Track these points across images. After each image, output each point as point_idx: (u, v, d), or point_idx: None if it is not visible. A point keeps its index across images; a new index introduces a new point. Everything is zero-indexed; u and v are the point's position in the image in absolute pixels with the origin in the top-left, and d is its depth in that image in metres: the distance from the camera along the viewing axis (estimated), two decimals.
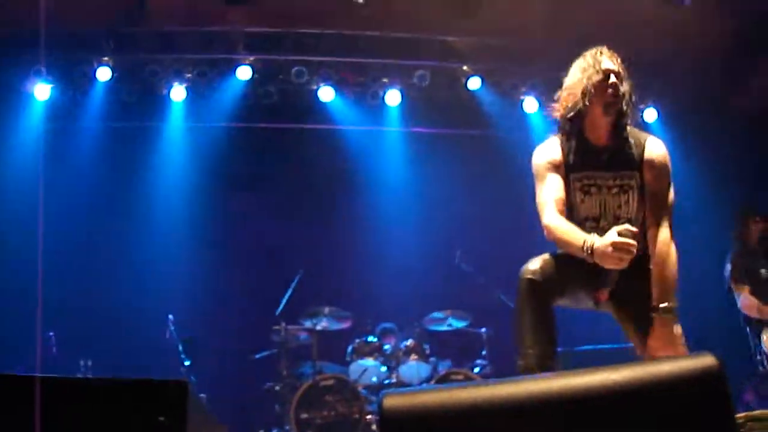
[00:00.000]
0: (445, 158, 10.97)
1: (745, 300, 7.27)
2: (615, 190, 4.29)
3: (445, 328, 9.58)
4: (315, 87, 10.66)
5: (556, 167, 4.35)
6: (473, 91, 10.91)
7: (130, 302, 9.48)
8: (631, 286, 4.22)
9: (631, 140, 4.35)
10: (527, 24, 10.67)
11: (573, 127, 4.39)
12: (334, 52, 10.41)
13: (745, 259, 7.51)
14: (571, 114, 4.31)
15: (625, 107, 4.29)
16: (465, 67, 10.85)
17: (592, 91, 4.29)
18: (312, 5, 10.01)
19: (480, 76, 10.84)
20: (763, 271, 7.35)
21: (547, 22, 10.60)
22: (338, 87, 10.76)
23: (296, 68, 10.46)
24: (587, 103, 4.28)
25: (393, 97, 10.89)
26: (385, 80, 10.81)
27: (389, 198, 10.85)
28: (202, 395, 8.17)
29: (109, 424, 2.89)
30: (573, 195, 4.35)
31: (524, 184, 11.13)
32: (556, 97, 4.53)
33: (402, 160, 11.29)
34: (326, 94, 10.70)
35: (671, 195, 4.31)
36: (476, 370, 9.17)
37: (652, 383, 2.50)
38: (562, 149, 4.37)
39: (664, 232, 4.22)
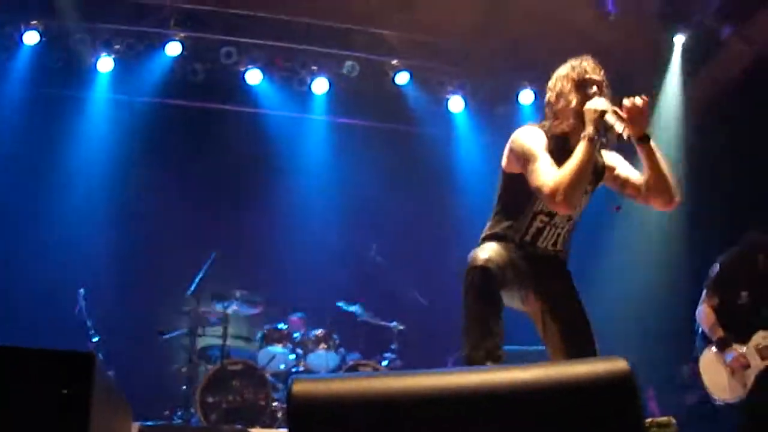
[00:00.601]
0: (368, 151, 10.98)
1: (705, 313, 6.86)
2: None
3: (355, 319, 9.60)
4: (243, 69, 10.56)
5: (547, 150, 4.21)
6: (401, 86, 10.94)
7: (41, 273, 9.29)
8: (553, 286, 4.31)
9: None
10: (460, 24, 10.74)
11: (558, 137, 4.32)
12: (265, 35, 10.32)
13: (736, 274, 6.93)
14: (589, 139, 4.10)
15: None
16: (394, 62, 10.88)
17: (578, 109, 4.24)
18: None
19: (408, 72, 10.86)
20: (744, 294, 6.78)
21: (479, 24, 10.69)
22: (266, 71, 10.67)
23: (225, 48, 10.36)
24: (599, 129, 4.15)
25: (320, 86, 10.84)
26: (314, 68, 10.76)
27: (309, 186, 10.83)
28: (109, 372, 8.05)
29: (8, 393, 2.80)
30: None
31: (445, 182, 11.32)
32: (546, 102, 4.45)
33: (325, 150, 11.28)
34: (254, 76, 10.61)
35: None
36: (384, 363, 9.21)
37: (562, 384, 2.52)
38: (548, 143, 4.26)
39: None
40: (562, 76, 4.40)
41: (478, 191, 10.46)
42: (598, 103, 4.14)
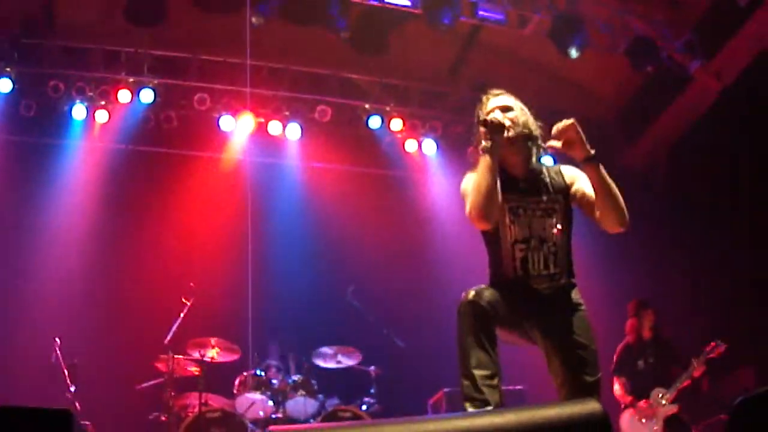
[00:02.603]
0: (342, 195, 11.02)
1: (617, 389, 8.55)
2: (539, 213, 4.40)
3: (333, 364, 9.53)
4: (217, 115, 10.61)
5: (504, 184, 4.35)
6: (373, 130, 11.01)
7: (18, 323, 9.24)
8: (557, 318, 4.31)
9: (545, 169, 4.54)
10: (431, 67, 10.88)
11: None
12: (238, 81, 10.37)
13: (629, 352, 8.65)
14: (483, 151, 4.31)
15: (525, 136, 4.44)
16: (367, 105, 10.95)
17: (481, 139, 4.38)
18: (215, 32, 10.01)
19: (380, 116, 10.94)
20: (640, 362, 8.54)
21: (450, 67, 10.83)
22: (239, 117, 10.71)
23: (199, 95, 10.43)
24: (489, 139, 4.32)
25: (293, 131, 10.89)
26: (286, 113, 10.82)
27: (284, 232, 10.81)
28: (86, 423, 7.97)
29: None
30: (503, 217, 4.39)
31: (419, 225, 11.36)
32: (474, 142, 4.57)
33: (299, 194, 11.29)
34: (227, 122, 10.65)
35: None
36: (364, 407, 9.14)
37: (535, 428, 2.54)
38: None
39: None
40: (476, 117, 4.57)
41: (453, 233, 10.52)
42: (489, 117, 4.36)
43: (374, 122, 10.96)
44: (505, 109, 4.47)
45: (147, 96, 10.23)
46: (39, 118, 10.22)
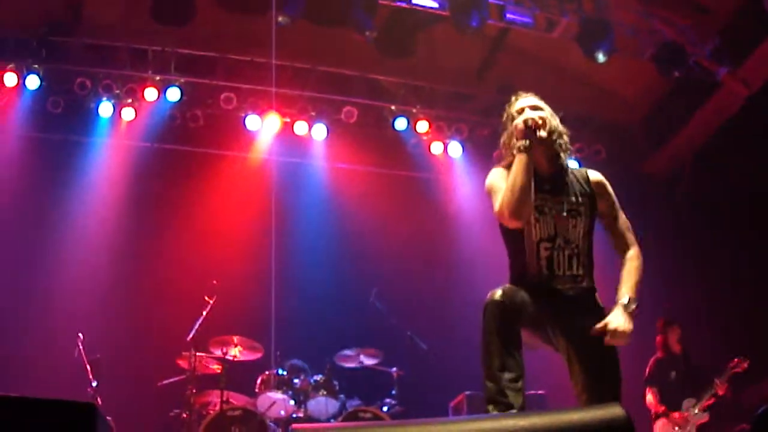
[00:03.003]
0: (367, 196, 11.02)
1: (649, 399, 8.72)
2: (564, 214, 4.40)
3: (355, 365, 9.54)
4: (243, 114, 10.65)
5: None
6: (399, 131, 11.01)
7: (42, 319, 9.30)
8: (580, 321, 4.25)
9: (571, 170, 4.56)
10: (457, 69, 10.86)
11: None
12: (265, 81, 10.40)
13: (661, 365, 8.83)
14: (519, 150, 4.32)
15: (555, 137, 4.45)
16: (393, 107, 10.96)
17: (517, 126, 4.42)
18: (242, 32, 10.04)
19: (406, 117, 10.94)
20: (672, 374, 8.72)
21: (476, 69, 10.80)
22: (265, 116, 10.75)
23: (225, 94, 10.47)
24: (526, 137, 4.35)
25: (319, 131, 10.91)
26: (312, 114, 10.84)
27: (308, 232, 10.84)
28: (107, 418, 8.00)
29: None
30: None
31: (443, 228, 11.34)
32: (501, 143, 4.60)
33: (324, 195, 11.30)
34: (253, 122, 10.69)
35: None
36: (385, 408, 9.15)
37: (560, 430, 2.53)
38: (507, 176, 4.38)
39: (636, 248, 4.47)
40: (504, 116, 4.61)
41: (477, 235, 10.50)
42: (519, 119, 4.41)
43: (400, 124, 10.96)
44: (535, 108, 4.49)
45: (173, 94, 10.29)
46: (66, 116, 10.30)
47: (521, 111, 4.48)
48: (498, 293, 4.06)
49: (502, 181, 4.35)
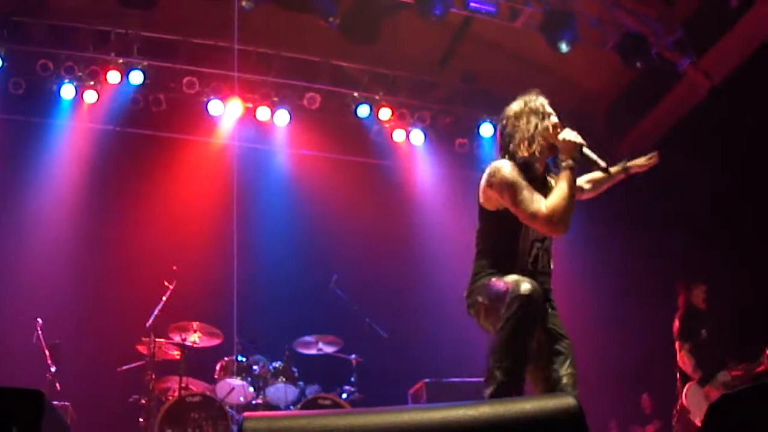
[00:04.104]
0: (329, 182, 11.02)
1: (683, 358, 8.37)
2: None
3: (314, 352, 9.54)
4: (205, 99, 10.59)
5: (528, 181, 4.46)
6: (362, 118, 11.01)
7: None
8: (552, 320, 4.48)
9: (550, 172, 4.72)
10: (421, 57, 10.85)
11: (527, 162, 4.53)
12: (227, 66, 10.34)
13: (690, 321, 8.53)
14: (567, 169, 4.45)
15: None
16: (356, 94, 10.95)
17: (545, 134, 4.55)
18: (206, 15, 9.97)
19: (369, 105, 10.94)
20: (704, 331, 8.42)
21: (440, 58, 10.80)
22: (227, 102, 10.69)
23: (187, 78, 10.41)
24: (542, 143, 4.53)
25: (281, 117, 10.88)
26: (275, 99, 10.81)
27: (270, 218, 10.80)
28: (66, 403, 7.96)
29: None
30: None
31: (404, 215, 11.36)
32: (507, 132, 4.66)
33: (286, 181, 11.28)
34: (215, 107, 10.64)
35: None
36: (344, 395, 9.15)
37: (510, 421, 2.55)
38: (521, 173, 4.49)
39: None
40: (519, 107, 4.67)
41: (438, 223, 10.53)
42: (571, 135, 4.49)
43: (363, 111, 10.98)
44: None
45: (136, 77, 10.22)
46: (28, 97, 10.19)
47: (550, 116, 4.63)
48: (526, 286, 4.18)
49: (523, 181, 4.39)
